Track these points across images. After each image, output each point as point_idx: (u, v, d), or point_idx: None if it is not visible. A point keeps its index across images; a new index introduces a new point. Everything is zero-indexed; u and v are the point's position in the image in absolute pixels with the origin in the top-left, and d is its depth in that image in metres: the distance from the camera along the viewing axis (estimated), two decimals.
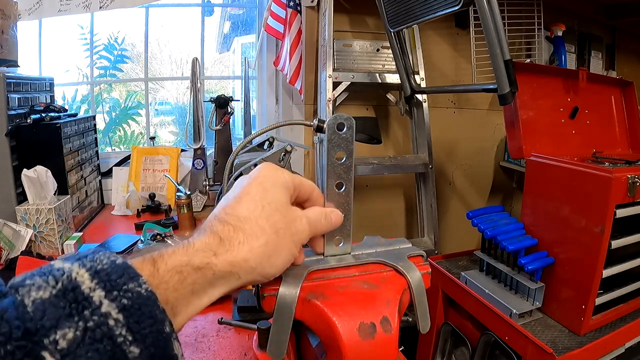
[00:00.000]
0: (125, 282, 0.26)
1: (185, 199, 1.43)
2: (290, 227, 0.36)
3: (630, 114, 1.47)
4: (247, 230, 0.34)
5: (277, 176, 0.37)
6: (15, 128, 1.30)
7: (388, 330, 0.38)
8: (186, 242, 0.32)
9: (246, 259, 0.33)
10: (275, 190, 0.36)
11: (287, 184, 0.38)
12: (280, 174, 0.38)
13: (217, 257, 0.32)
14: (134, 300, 0.26)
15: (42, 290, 0.24)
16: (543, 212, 1.21)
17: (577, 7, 2.11)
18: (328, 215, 0.41)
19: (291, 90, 2.01)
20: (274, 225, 0.35)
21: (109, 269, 0.26)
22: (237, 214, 0.34)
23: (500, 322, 1.15)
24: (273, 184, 0.37)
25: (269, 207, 0.35)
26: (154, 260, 0.29)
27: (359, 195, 2.06)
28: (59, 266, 0.26)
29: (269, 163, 0.39)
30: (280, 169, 0.38)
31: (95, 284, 0.25)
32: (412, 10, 1.32)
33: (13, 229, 1.20)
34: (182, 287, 0.30)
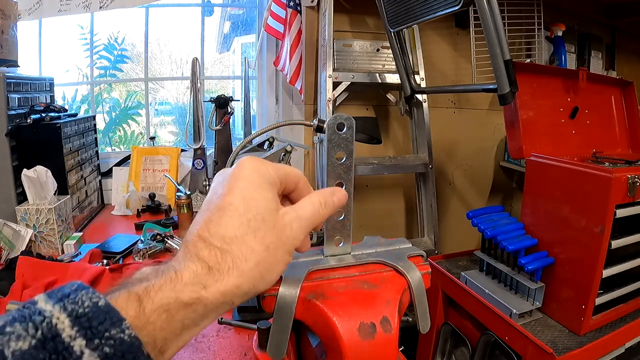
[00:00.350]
0: (107, 329, 0.25)
1: (185, 199, 1.43)
2: (281, 237, 0.33)
3: (630, 114, 1.47)
4: (235, 253, 0.31)
5: (260, 175, 0.34)
6: (15, 128, 1.30)
7: (388, 330, 0.38)
8: (173, 272, 0.30)
9: (237, 285, 0.31)
10: (259, 195, 0.33)
11: (272, 181, 0.34)
12: (264, 170, 0.34)
13: (207, 290, 0.29)
14: (117, 348, 0.25)
15: (22, 341, 0.23)
16: (543, 212, 1.21)
17: (577, 7, 2.11)
18: (328, 202, 0.37)
19: (291, 90, 2.01)
20: (263, 241, 0.32)
21: (91, 312, 0.25)
22: (222, 233, 0.31)
23: (500, 322, 1.15)
24: (257, 187, 0.33)
25: (256, 220, 0.32)
26: (140, 298, 0.28)
27: (359, 195, 2.06)
28: (40, 308, 0.25)
29: (250, 158, 0.35)
30: (262, 163, 0.35)
31: (75, 331, 0.24)
32: (412, 10, 1.32)
33: (13, 229, 1.20)
34: (170, 325, 0.28)
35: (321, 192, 0.37)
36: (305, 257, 0.45)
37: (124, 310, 0.27)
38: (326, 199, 0.37)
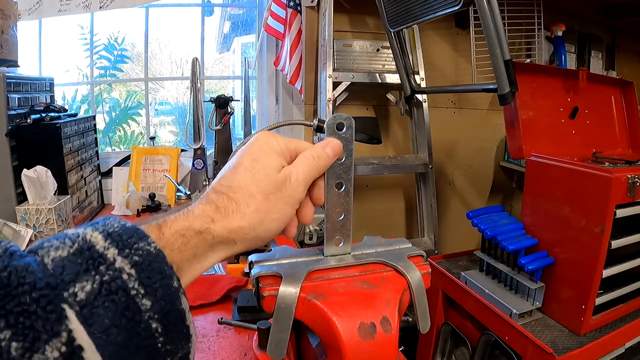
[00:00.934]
0: (136, 242, 0.28)
1: (185, 199, 1.43)
2: (282, 189, 0.37)
3: (630, 114, 1.47)
4: (239, 199, 0.35)
5: (269, 144, 0.38)
6: (15, 128, 1.29)
7: (388, 330, 0.38)
8: (185, 210, 0.34)
9: (240, 226, 0.35)
10: (266, 157, 0.37)
11: (280, 150, 0.38)
12: (274, 141, 0.39)
13: (215, 223, 0.34)
14: (145, 257, 0.28)
15: (61, 250, 0.26)
16: (543, 212, 1.21)
17: (577, 7, 2.11)
18: (320, 154, 0.40)
19: (291, 90, 2.01)
20: (264, 191, 0.36)
21: (120, 230, 0.29)
22: (230, 184, 0.36)
23: (500, 322, 1.15)
24: (265, 152, 0.38)
25: (259, 174, 0.36)
26: (159, 225, 0.32)
27: (359, 195, 2.06)
28: (73, 232, 0.28)
29: (265, 131, 0.40)
30: (274, 136, 0.39)
31: (108, 243, 0.28)
32: (412, 10, 1.32)
33: (13, 229, 1.20)
34: (185, 249, 0.32)
35: (314, 146, 0.40)
36: (305, 257, 0.45)
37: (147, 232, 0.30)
38: (318, 152, 0.40)
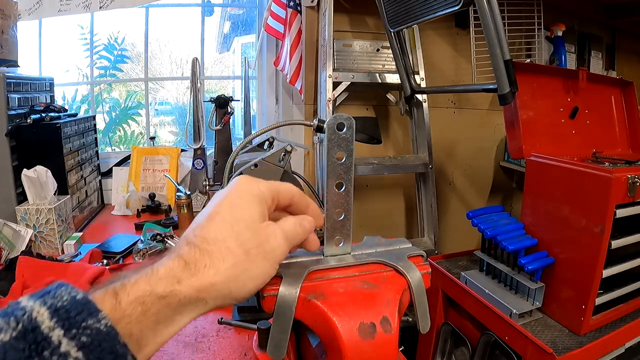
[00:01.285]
0: (85, 319, 0.26)
1: (185, 199, 1.43)
2: (264, 245, 0.34)
3: (630, 114, 1.47)
4: (214, 253, 0.32)
5: (250, 191, 0.36)
6: (15, 128, 1.30)
7: (388, 330, 0.38)
8: (150, 268, 0.31)
9: (213, 283, 0.32)
10: (246, 206, 0.35)
11: (261, 197, 0.36)
12: (254, 186, 0.36)
13: (181, 284, 0.31)
14: (94, 337, 0.25)
15: (4, 333, 0.24)
16: (543, 212, 1.21)
17: (577, 7, 2.11)
18: (302, 224, 0.39)
19: (291, 90, 2.01)
20: (244, 245, 0.33)
21: (69, 305, 0.26)
22: (205, 235, 0.33)
23: (500, 322, 1.15)
24: (245, 200, 0.35)
25: (239, 226, 0.34)
26: (116, 292, 0.29)
27: (359, 195, 2.06)
28: (23, 305, 0.26)
29: (245, 176, 0.37)
30: (255, 181, 0.37)
31: (54, 322, 0.25)
32: (412, 10, 1.32)
33: (13, 229, 1.20)
34: (145, 317, 0.29)
35: (297, 216, 0.40)
36: (305, 257, 0.45)
37: (100, 303, 0.27)
38: (300, 221, 0.39)
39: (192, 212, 1.47)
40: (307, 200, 0.41)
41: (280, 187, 0.39)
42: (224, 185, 1.12)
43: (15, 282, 0.97)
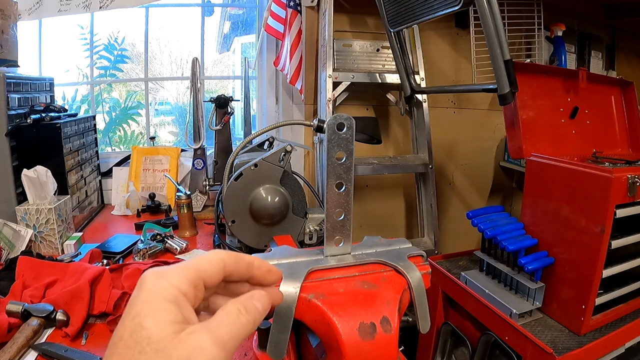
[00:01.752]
0: None
1: (185, 199, 1.43)
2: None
3: (630, 114, 1.47)
4: None
5: (156, 292, 0.27)
6: (15, 128, 1.30)
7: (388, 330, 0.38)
8: None
9: None
10: (153, 320, 0.26)
11: (173, 296, 0.27)
12: (162, 284, 0.28)
13: None
14: None
15: None
16: (543, 212, 1.21)
17: (577, 7, 2.11)
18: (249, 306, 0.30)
19: (291, 90, 2.01)
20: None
21: None
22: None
23: (500, 322, 1.15)
24: (150, 310, 0.26)
25: (146, 353, 0.25)
26: None
27: (359, 195, 2.06)
28: None
29: (150, 273, 0.29)
30: (161, 276, 0.28)
31: None
32: (412, 10, 1.32)
33: (13, 229, 1.20)
34: None
35: (237, 299, 0.31)
36: (305, 257, 0.45)
37: None
38: (245, 304, 0.30)
39: (192, 212, 1.47)
40: (245, 260, 0.33)
41: (200, 265, 0.30)
42: (224, 185, 1.12)
43: (15, 282, 0.97)
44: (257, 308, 0.30)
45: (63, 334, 0.84)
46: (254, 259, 0.33)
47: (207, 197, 1.74)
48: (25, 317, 0.83)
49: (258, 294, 0.31)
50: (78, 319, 0.86)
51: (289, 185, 1.14)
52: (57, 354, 0.77)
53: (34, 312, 0.84)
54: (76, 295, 0.90)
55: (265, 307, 0.30)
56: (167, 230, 1.39)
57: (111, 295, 0.92)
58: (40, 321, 0.83)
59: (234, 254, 0.32)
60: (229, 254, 0.32)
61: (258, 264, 0.33)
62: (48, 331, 0.85)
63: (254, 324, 0.30)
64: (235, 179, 1.10)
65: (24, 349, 0.78)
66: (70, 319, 0.86)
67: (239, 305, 0.29)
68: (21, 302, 0.86)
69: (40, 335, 0.83)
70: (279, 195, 1.11)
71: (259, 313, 0.30)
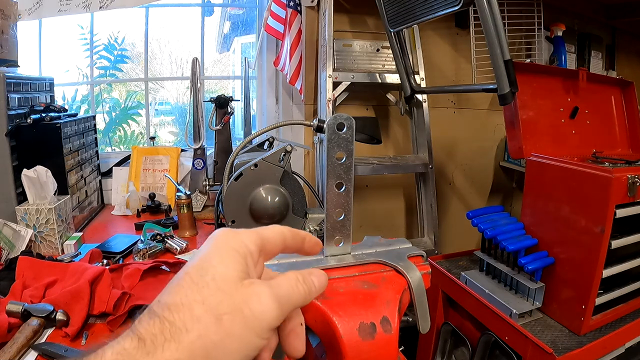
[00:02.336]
0: None
1: (185, 199, 1.43)
2: (243, 308, 0.27)
3: (630, 114, 1.47)
4: (177, 322, 0.26)
5: (227, 244, 0.30)
6: (15, 128, 1.30)
7: (388, 330, 0.38)
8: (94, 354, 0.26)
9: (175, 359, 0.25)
10: (221, 261, 0.28)
11: (242, 250, 0.30)
12: (233, 239, 0.30)
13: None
14: None
15: None
16: (543, 212, 1.21)
17: (577, 7, 2.11)
18: (307, 278, 0.31)
19: (291, 90, 2.01)
20: (214, 310, 0.26)
21: None
22: (169, 301, 0.27)
23: (500, 322, 1.15)
24: (220, 255, 0.29)
25: (209, 287, 0.27)
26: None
27: (359, 195, 2.06)
28: None
29: (223, 228, 0.32)
30: (234, 232, 0.31)
31: None
32: (412, 10, 1.32)
33: (13, 229, 1.20)
34: None
35: (298, 271, 0.32)
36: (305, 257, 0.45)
37: None
38: (304, 276, 0.32)
39: (192, 212, 1.47)
40: (300, 234, 0.36)
41: (265, 233, 0.33)
42: (224, 185, 1.12)
43: (15, 282, 0.97)
44: (314, 282, 0.32)
45: (63, 334, 0.84)
46: (306, 234, 0.36)
47: (207, 197, 1.74)
48: (25, 317, 0.83)
49: (317, 271, 0.33)
50: (78, 319, 0.86)
51: (289, 185, 1.14)
52: (57, 354, 0.77)
53: (34, 312, 0.84)
54: (76, 295, 0.90)
55: (321, 284, 0.32)
56: (167, 230, 1.39)
57: (111, 295, 0.92)
58: (40, 321, 0.83)
59: (291, 229, 0.35)
60: (287, 229, 0.35)
61: (309, 237, 0.36)
62: (48, 331, 0.85)
63: (308, 295, 0.31)
64: (235, 179, 1.10)
65: (24, 349, 0.78)
66: (70, 319, 0.86)
67: (298, 275, 0.31)
68: (21, 302, 0.86)
69: (40, 335, 0.83)
70: (279, 195, 1.11)
71: (314, 287, 0.32)
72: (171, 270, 1.10)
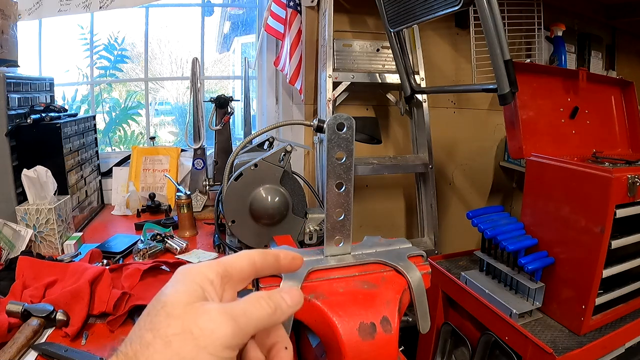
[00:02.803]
0: None
1: (185, 199, 1.43)
2: (192, 328, 0.26)
3: (630, 114, 1.47)
4: (130, 353, 0.26)
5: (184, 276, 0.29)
6: (15, 128, 1.30)
7: (388, 330, 0.38)
8: None
9: None
10: (174, 292, 0.28)
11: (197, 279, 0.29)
12: (190, 270, 0.30)
13: None
14: None
15: None
16: (543, 212, 1.21)
17: (577, 7, 2.11)
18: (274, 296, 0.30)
19: (291, 90, 2.01)
20: (163, 334, 0.26)
21: None
22: (128, 336, 0.27)
23: (500, 322, 1.15)
24: (174, 286, 0.28)
25: (158, 315, 0.27)
26: None
27: (359, 195, 2.06)
28: None
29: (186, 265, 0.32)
30: (196, 265, 0.31)
31: None
32: (412, 10, 1.32)
33: (13, 229, 1.20)
34: None
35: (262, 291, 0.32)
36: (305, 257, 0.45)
37: None
38: (270, 294, 0.30)
39: (192, 212, 1.47)
40: (271, 254, 0.34)
41: (229, 260, 0.32)
42: (224, 185, 1.12)
43: (15, 282, 0.97)
44: (285, 299, 0.31)
45: (63, 334, 0.84)
46: (279, 251, 0.35)
47: (207, 197, 1.74)
48: (25, 317, 0.83)
49: (290, 289, 0.32)
50: (78, 319, 0.86)
51: (289, 185, 1.14)
52: (57, 354, 0.77)
53: (34, 312, 0.84)
54: (76, 295, 0.90)
55: (294, 300, 0.31)
56: (167, 230, 1.39)
57: (111, 295, 0.92)
58: (40, 321, 0.83)
59: (260, 250, 0.34)
60: (257, 252, 0.34)
61: (283, 254, 0.35)
62: (48, 331, 0.85)
63: (275, 311, 0.30)
64: (235, 179, 1.10)
65: (24, 349, 0.78)
66: (70, 319, 0.86)
67: (262, 293, 0.30)
68: (21, 302, 0.86)
69: (40, 335, 0.83)
70: (279, 195, 1.11)
71: (285, 303, 0.30)
72: (171, 270, 1.10)
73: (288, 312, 0.31)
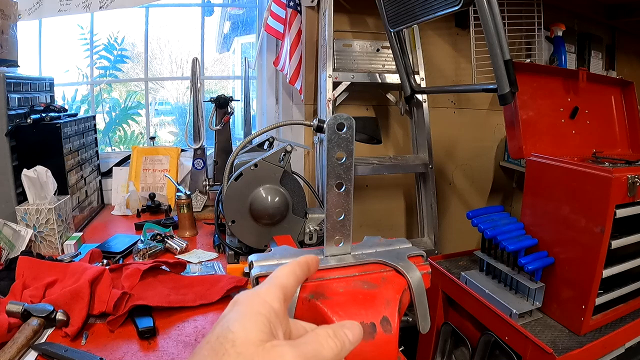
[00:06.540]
0: None
1: (185, 199, 1.43)
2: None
3: (630, 114, 1.47)
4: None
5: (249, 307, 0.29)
6: (15, 128, 1.29)
7: (388, 330, 0.38)
8: None
9: None
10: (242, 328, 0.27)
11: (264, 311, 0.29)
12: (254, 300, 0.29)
13: None
14: None
15: None
16: (543, 212, 1.21)
17: (577, 7, 2.11)
18: (338, 332, 0.30)
19: (291, 90, 2.01)
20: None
21: None
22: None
23: (500, 322, 1.15)
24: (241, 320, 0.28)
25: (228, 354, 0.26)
26: None
27: (359, 195, 2.06)
28: None
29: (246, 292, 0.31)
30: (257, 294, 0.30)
31: None
32: (412, 10, 1.32)
33: (13, 229, 1.20)
34: None
35: (328, 325, 0.31)
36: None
37: None
38: (335, 330, 0.30)
39: (192, 212, 1.47)
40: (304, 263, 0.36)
41: (283, 282, 0.32)
42: (224, 185, 1.12)
43: (15, 282, 0.97)
44: (347, 335, 0.30)
45: (63, 334, 0.84)
46: (306, 258, 0.36)
47: (207, 197, 1.74)
48: (25, 317, 0.83)
49: (349, 323, 0.31)
50: (78, 319, 0.86)
51: (289, 185, 1.14)
52: (57, 354, 0.77)
53: (34, 312, 0.84)
54: (76, 295, 0.90)
55: (356, 337, 0.30)
56: (167, 230, 1.39)
57: (111, 295, 0.92)
58: (40, 321, 0.83)
59: (297, 263, 0.35)
60: (296, 265, 0.34)
61: (310, 260, 0.36)
62: (48, 331, 0.85)
63: (341, 349, 0.29)
64: (235, 179, 1.10)
65: (24, 349, 0.78)
66: (70, 319, 0.86)
67: (328, 329, 0.30)
68: (21, 302, 0.86)
69: (40, 335, 0.83)
70: (279, 195, 1.11)
71: (348, 341, 0.30)
72: (171, 270, 1.10)
73: (350, 349, 0.30)
